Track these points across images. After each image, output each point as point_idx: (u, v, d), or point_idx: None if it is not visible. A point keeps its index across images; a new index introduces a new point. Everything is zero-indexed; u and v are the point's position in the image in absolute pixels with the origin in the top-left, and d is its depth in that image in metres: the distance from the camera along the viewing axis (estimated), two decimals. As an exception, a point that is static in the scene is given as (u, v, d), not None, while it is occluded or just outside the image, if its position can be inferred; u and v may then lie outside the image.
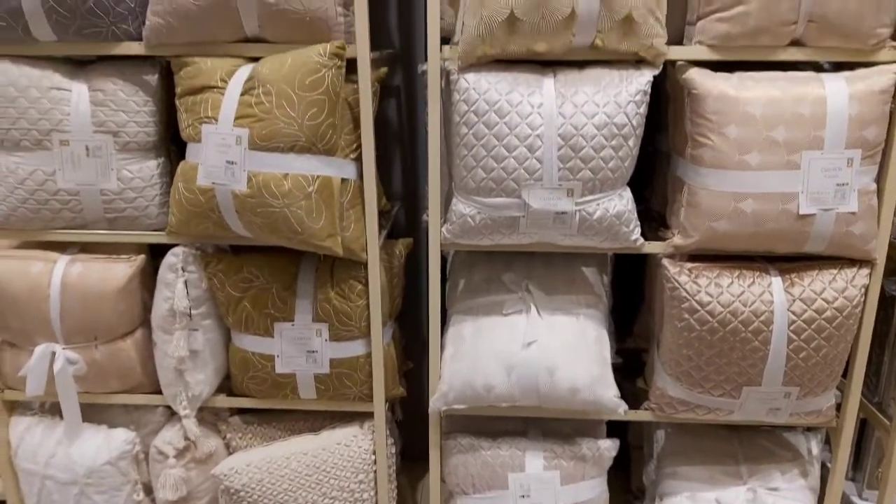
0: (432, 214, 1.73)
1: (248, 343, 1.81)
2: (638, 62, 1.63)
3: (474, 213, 1.66)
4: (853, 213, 1.60)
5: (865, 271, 1.68)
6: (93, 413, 1.93)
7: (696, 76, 1.60)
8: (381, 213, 1.90)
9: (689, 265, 1.69)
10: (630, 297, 2.11)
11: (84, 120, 1.67)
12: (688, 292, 1.65)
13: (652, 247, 1.73)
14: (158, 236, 1.77)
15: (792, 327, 1.65)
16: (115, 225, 1.77)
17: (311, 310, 1.75)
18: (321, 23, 1.60)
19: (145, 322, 1.84)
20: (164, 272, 1.76)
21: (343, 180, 1.67)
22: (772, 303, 1.64)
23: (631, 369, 2.03)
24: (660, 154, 1.95)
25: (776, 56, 1.60)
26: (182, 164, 1.68)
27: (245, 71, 1.61)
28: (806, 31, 1.57)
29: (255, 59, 1.65)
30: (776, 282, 1.66)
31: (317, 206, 1.61)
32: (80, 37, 1.63)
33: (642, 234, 1.73)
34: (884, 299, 1.80)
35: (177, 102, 1.68)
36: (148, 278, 1.83)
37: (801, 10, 1.53)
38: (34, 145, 1.68)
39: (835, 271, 1.67)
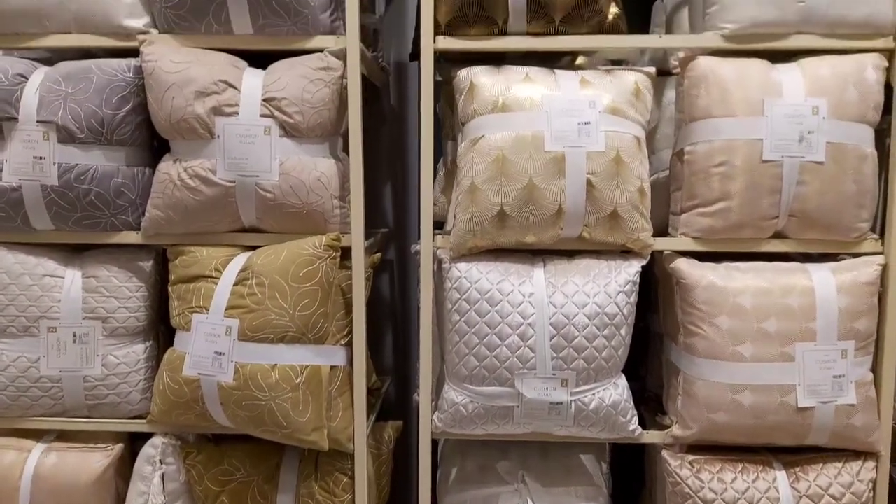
0: (423, 406, 1.69)
1: (225, 543, 1.69)
2: (625, 252, 1.67)
3: (467, 402, 1.62)
4: (852, 406, 1.57)
5: (871, 464, 1.62)
6: None
7: (684, 266, 1.62)
8: (371, 391, 1.85)
9: (691, 457, 1.63)
10: (630, 477, 2.02)
11: (74, 306, 1.67)
12: (690, 488, 1.58)
13: (651, 436, 1.68)
14: (139, 425, 1.71)
15: (802, 526, 1.56)
16: (95, 412, 1.71)
17: (294, 506, 1.66)
18: (318, 215, 1.64)
19: (117, 515, 1.73)
20: (140, 465, 1.68)
21: (332, 367, 1.64)
22: (778, 500, 1.57)
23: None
24: (652, 333, 1.95)
25: (760, 248, 1.64)
26: (169, 351, 1.65)
27: (240, 261, 1.63)
28: (788, 225, 1.62)
29: (252, 248, 1.67)
30: (781, 476, 1.60)
31: (304, 398, 1.57)
32: (78, 227, 1.66)
33: (640, 416, 1.69)
34: (894, 489, 1.72)
35: (169, 289, 1.68)
36: (125, 465, 1.75)
37: (781, 205, 1.59)
38: (21, 332, 1.66)
39: (840, 465, 1.61)
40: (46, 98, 1.60)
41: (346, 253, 1.67)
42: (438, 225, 1.76)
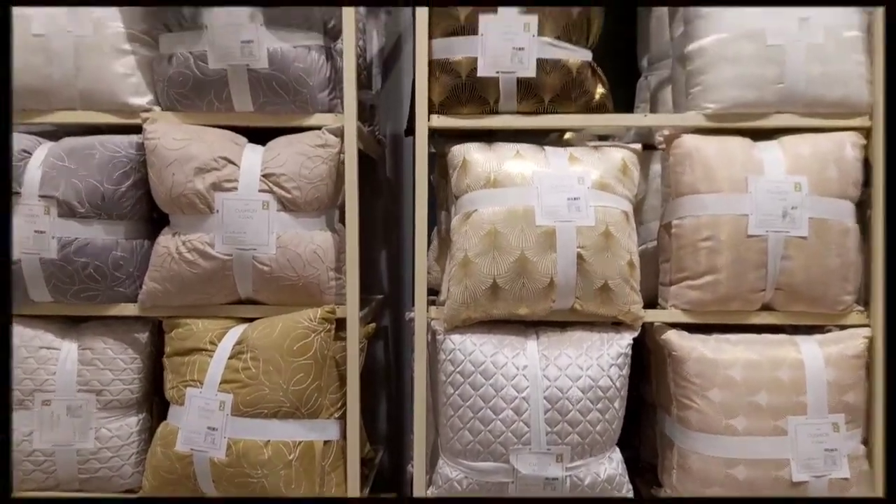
0: (417, 482, 1.68)
1: None
2: (616, 323, 1.69)
3: (461, 478, 1.61)
4: (846, 479, 1.57)
5: (868, 539, 1.61)
6: None
7: (675, 338, 1.64)
8: (364, 461, 1.84)
9: (686, 533, 1.62)
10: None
11: (69, 379, 1.67)
12: (687, 565, 1.57)
13: (646, 511, 1.67)
14: (130, 501, 1.69)
15: None
16: (87, 486, 1.69)
17: (285, 585, 1.63)
18: (314, 287, 1.66)
19: None
20: (130, 542, 1.66)
21: (325, 442, 1.64)
22: (776, 577, 1.55)
23: None
24: (644, 402, 1.95)
25: (749, 320, 1.67)
26: (163, 425, 1.65)
27: (235, 333, 1.64)
28: (775, 297, 1.65)
29: (247, 320, 1.69)
30: (778, 552, 1.58)
31: (296, 475, 1.56)
32: (76, 299, 1.67)
33: (634, 488, 1.68)
34: (892, 563, 1.70)
35: (164, 361, 1.69)
36: (113, 541, 1.72)
37: (768, 279, 1.62)
38: (16, 405, 1.66)
39: (837, 540, 1.60)
40: (49, 173, 1.64)
41: (340, 323, 1.68)
42: (433, 291, 1.78)
